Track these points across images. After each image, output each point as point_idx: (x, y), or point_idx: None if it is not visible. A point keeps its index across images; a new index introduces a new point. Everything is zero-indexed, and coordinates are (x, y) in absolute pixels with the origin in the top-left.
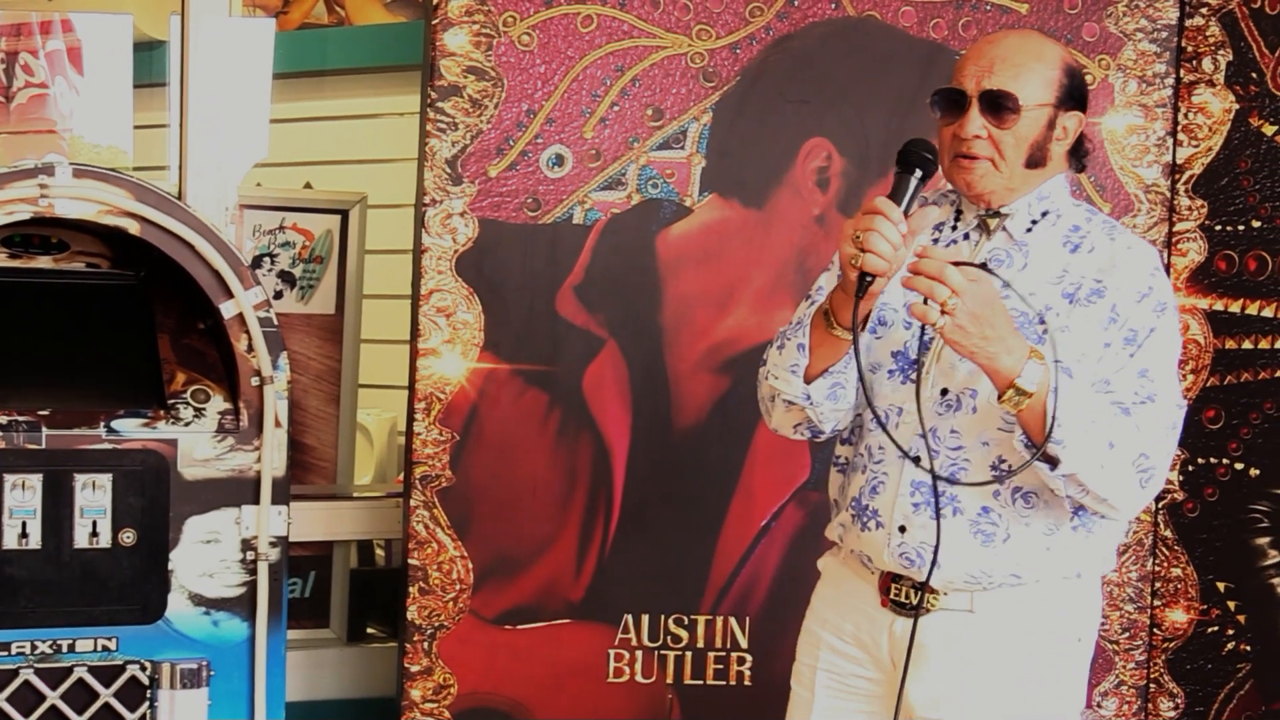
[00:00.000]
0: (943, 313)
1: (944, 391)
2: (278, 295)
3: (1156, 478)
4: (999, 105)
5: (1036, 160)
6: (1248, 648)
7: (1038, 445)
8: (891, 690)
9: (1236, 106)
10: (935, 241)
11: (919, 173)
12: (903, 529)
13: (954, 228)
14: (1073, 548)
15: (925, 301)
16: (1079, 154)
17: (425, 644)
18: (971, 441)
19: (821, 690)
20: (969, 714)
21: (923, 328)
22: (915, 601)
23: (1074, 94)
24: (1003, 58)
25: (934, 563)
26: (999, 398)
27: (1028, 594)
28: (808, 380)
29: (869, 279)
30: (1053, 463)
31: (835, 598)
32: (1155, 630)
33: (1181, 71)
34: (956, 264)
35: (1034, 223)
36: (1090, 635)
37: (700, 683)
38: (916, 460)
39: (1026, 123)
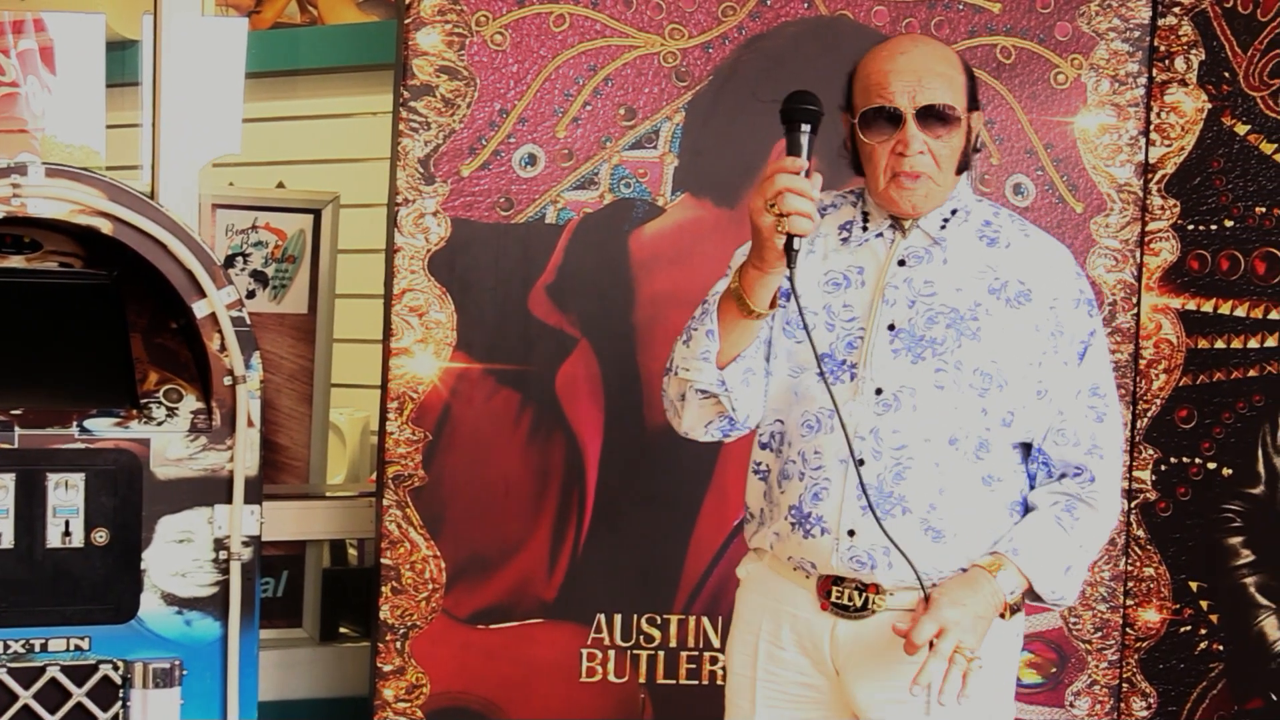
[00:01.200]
0: (969, 660)
1: (879, 391)
2: (250, 295)
3: (1117, 505)
4: (939, 119)
5: (963, 166)
6: (1220, 647)
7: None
8: (835, 696)
9: (1209, 106)
10: (845, 242)
11: (807, 126)
12: (852, 533)
13: (864, 229)
14: None
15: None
16: (973, 150)
17: (398, 643)
18: (913, 440)
19: (762, 700)
20: (915, 712)
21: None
22: (860, 603)
23: (975, 94)
24: (928, 70)
25: (918, 579)
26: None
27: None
28: (720, 366)
29: (797, 243)
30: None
31: (766, 604)
32: (1128, 630)
33: (1154, 71)
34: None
35: (945, 221)
36: (1022, 621)
37: (673, 682)
38: (861, 463)
39: (958, 132)
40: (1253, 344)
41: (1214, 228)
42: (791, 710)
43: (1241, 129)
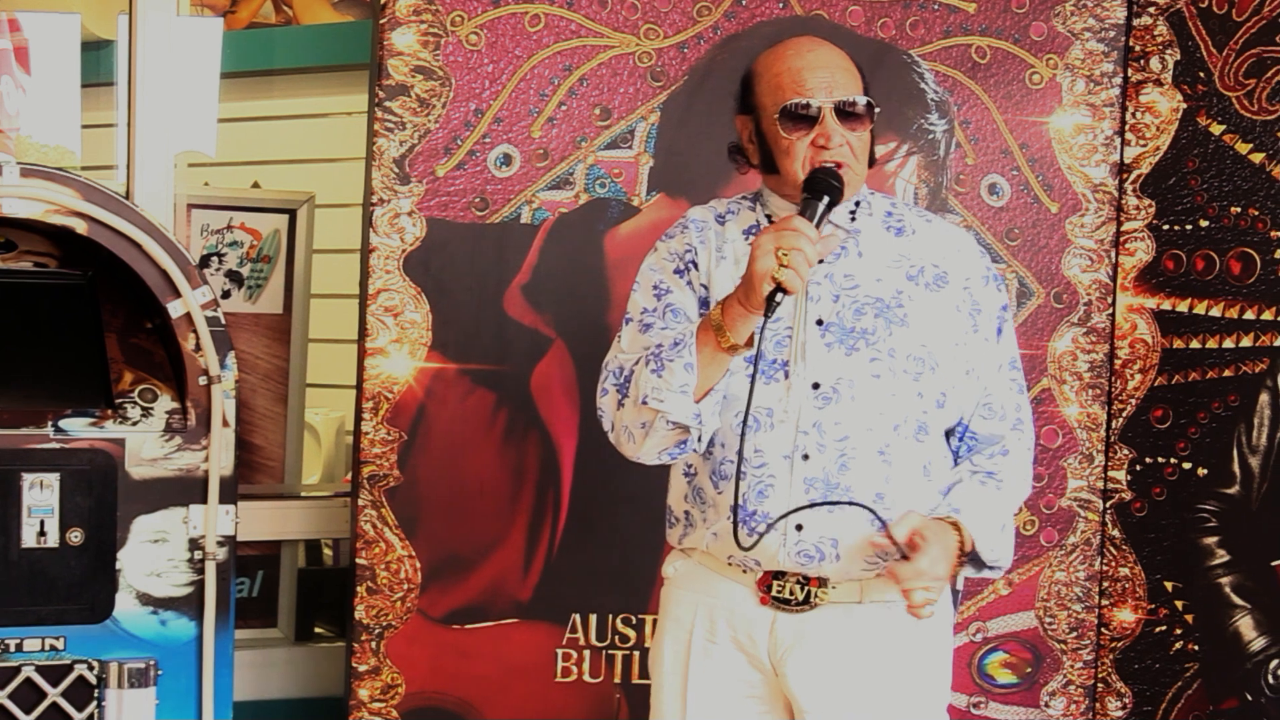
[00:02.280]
0: (926, 604)
1: (816, 386)
2: (225, 295)
3: (1030, 472)
4: (854, 113)
5: (872, 160)
6: (1195, 647)
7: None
8: (771, 691)
9: (1184, 106)
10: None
11: (827, 199)
12: (799, 527)
13: None
14: None
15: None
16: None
17: (373, 643)
18: (856, 430)
19: (694, 700)
20: (854, 703)
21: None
22: (802, 597)
23: (870, 94)
24: (838, 66)
25: (880, 520)
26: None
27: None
28: (696, 400)
29: (781, 297)
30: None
31: (699, 600)
32: (1103, 630)
33: (1129, 71)
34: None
35: (853, 213)
36: (954, 610)
37: (648, 682)
38: (805, 457)
39: (868, 128)
40: (1228, 344)
41: (1189, 228)
42: (725, 707)
43: (1217, 129)
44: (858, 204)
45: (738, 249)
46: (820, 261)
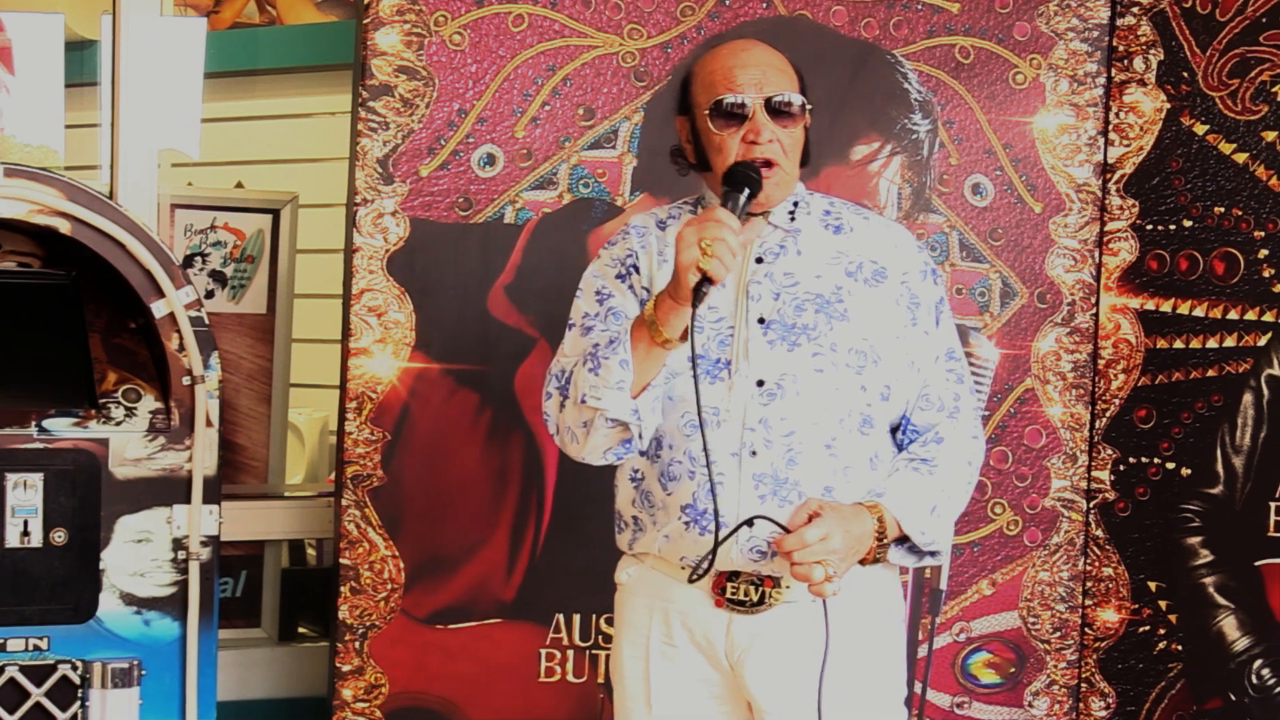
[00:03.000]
0: (827, 580)
1: (760, 383)
2: (209, 294)
3: (980, 453)
4: (785, 110)
5: (805, 160)
6: (1179, 647)
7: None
8: (730, 690)
9: (1168, 106)
10: None
11: (747, 191)
12: (750, 523)
13: None
14: None
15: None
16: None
17: (357, 643)
18: (802, 425)
19: (657, 700)
20: (811, 701)
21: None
22: (756, 598)
23: (807, 95)
24: (770, 65)
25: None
26: (867, 562)
27: (866, 575)
28: (633, 396)
29: (707, 288)
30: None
31: (654, 605)
32: (1087, 630)
33: (1113, 71)
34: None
35: (792, 212)
36: (899, 590)
37: None
38: (754, 454)
39: (800, 126)
40: (1211, 344)
41: (1173, 228)
42: (687, 707)
43: (1200, 129)
44: (796, 204)
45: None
46: (759, 261)
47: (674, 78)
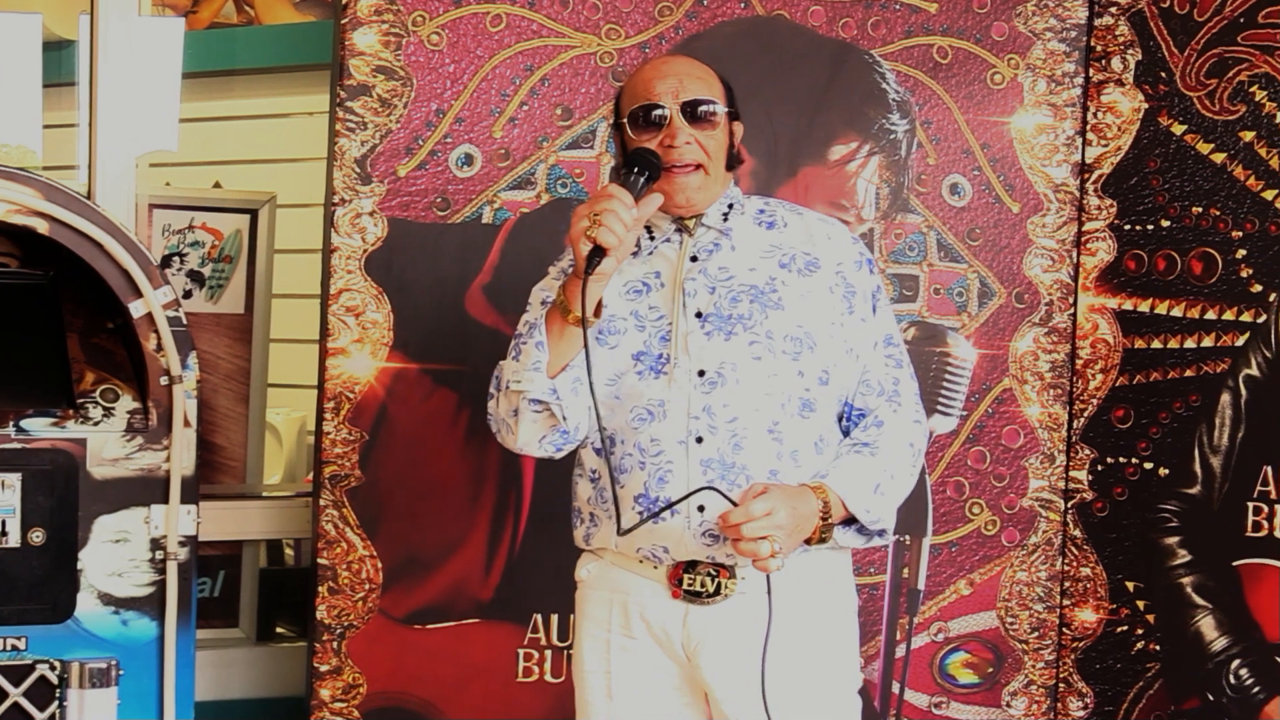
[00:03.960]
0: (772, 555)
1: (701, 373)
2: (187, 295)
3: (922, 436)
4: (701, 114)
5: (731, 164)
6: (1157, 647)
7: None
8: (688, 682)
9: (1146, 106)
10: (636, 255)
11: (646, 174)
12: (701, 509)
13: (651, 239)
14: None
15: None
16: (736, 161)
17: (334, 643)
18: (744, 411)
19: (617, 694)
20: (777, 691)
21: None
22: (713, 589)
23: (734, 105)
24: (687, 73)
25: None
26: (813, 542)
27: (817, 560)
28: (551, 376)
29: (598, 257)
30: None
31: (613, 599)
32: (1064, 630)
33: (1091, 71)
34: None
35: (725, 214)
36: (853, 596)
37: None
38: (700, 440)
39: (722, 128)
40: (1189, 344)
41: (1150, 228)
42: (645, 699)
43: (1178, 129)
44: (731, 205)
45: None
46: (694, 260)
47: None
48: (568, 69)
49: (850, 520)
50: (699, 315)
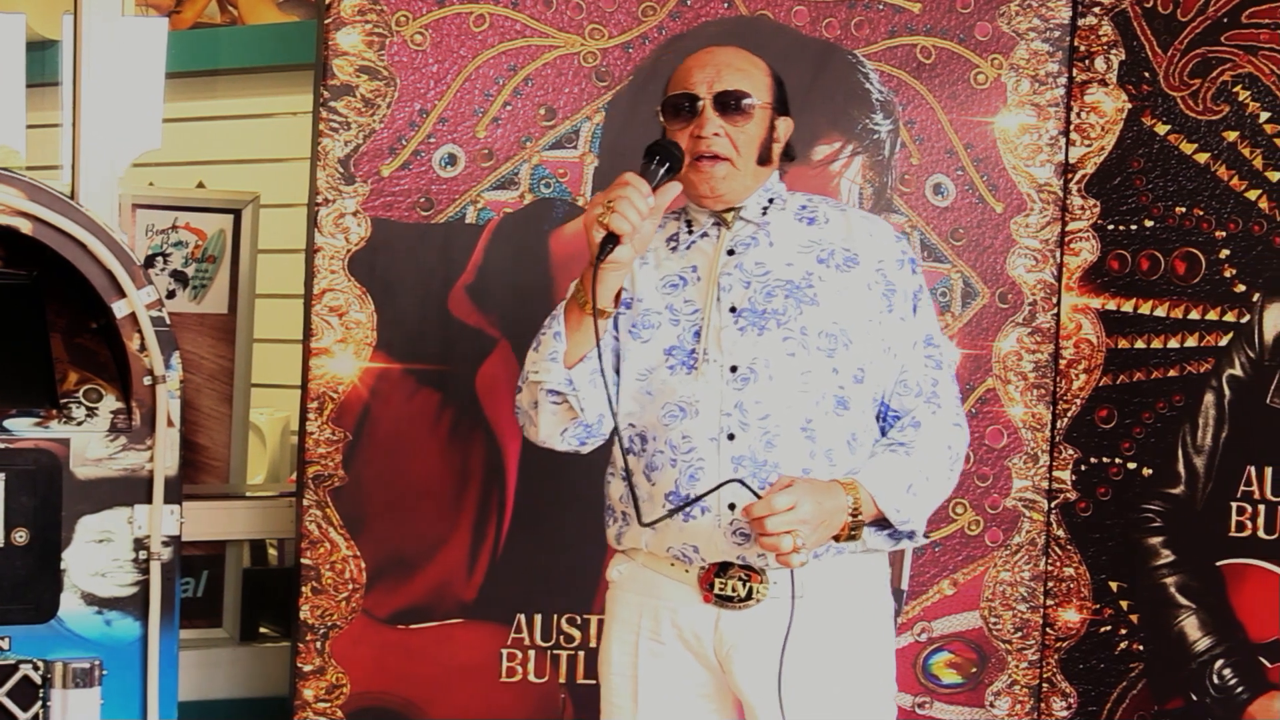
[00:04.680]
0: (795, 550)
1: (734, 369)
2: (170, 295)
3: (962, 440)
4: (734, 104)
5: (765, 158)
6: (1140, 647)
7: (891, 527)
8: (719, 689)
9: (1129, 106)
10: (674, 250)
11: (667, 165)
12: (732, 506)
13: (689, 232)
14: None
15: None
16: (787, 157)
17: (318, 643)
18: (777, 408)
19: (645, 699)
20: (807, 695)
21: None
22: (744, 594)
23: (783, 100)
24: (727, 64)
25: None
26: (842, 539)
27: (849, 564)
28: (568, 367)
29: (611, 244)
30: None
31: (645, 602)
32: (1048, 630)
33: (1074, 71)
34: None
35: (765, 208)
36: (890, 605)
37: (593, 682)
38: (731, 437)
39: (756, 121)
40: (1173, 344)
41: (1134, 228)
42: (674, 705)
43: (1162, 129)
44: (771, 200)
45: (659, 254)
46: (730, 254)
47: (636, 78)
48: (551, 69)
49: (882, 522)
50: (733, 310)
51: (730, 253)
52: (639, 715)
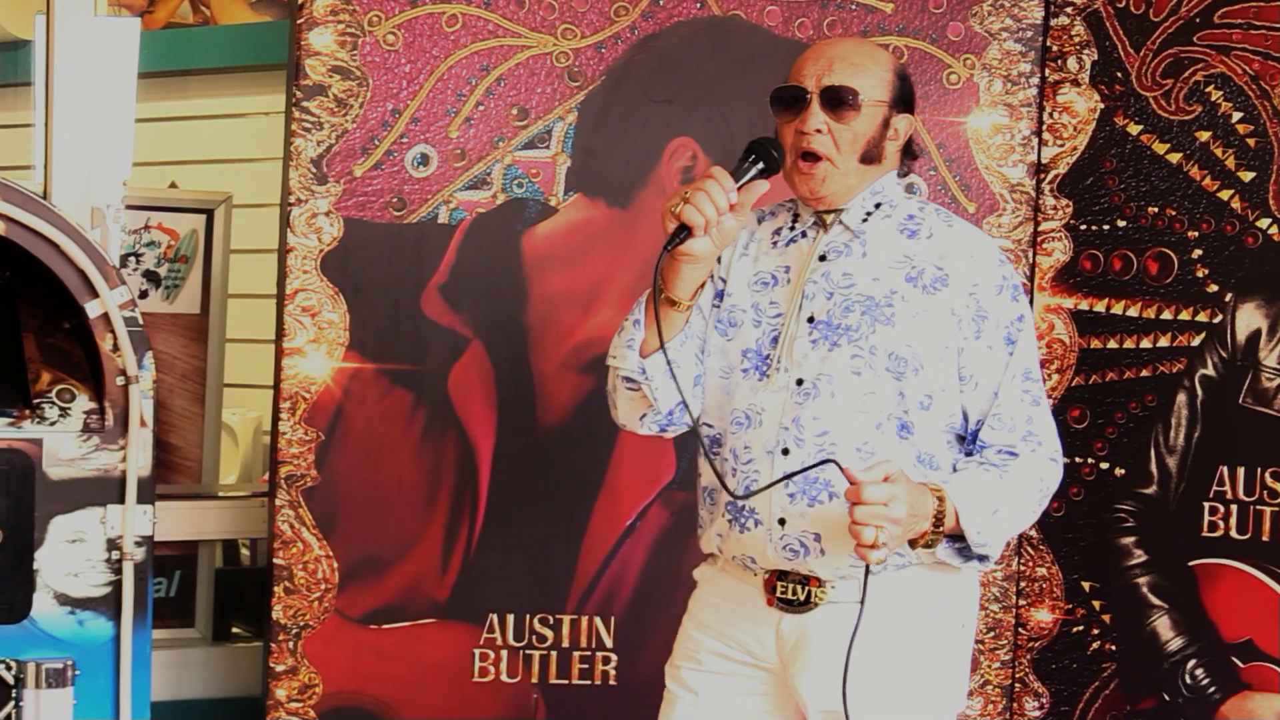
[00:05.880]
0: (874, 546)
1: (799, 382)
2: (143, 295)
3: (1055, 476)
4: (839, 100)
5: (871, 157)
6: (1113, 647)
7: (965, 545)
8: (779, 688)
9: (1102, 106)
10: (775, 245)
11: (761, 164)
12: (782, 521)
13: (792, 228)
14: None
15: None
16: (909, 155)
17: (290, 643)
18: (835, 426)
19: (705, 690)
20: (860, 704)
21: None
22: (803, 597)
23: (905, 97)
24: (841, 57)
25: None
26: (917, 545)
27: (913, 578)
28: (644, 355)
29: (683, 235)
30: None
31: (717, 604)
32: (1020, 630)
33: (1047, 71)
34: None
35: (868, 215)
36: (972, 622)
37: (565, 682)
38: (786, 452)
39: (864, 119)
40: (1145, 344)
41: (1106, 228)
42: (733, 699)
43: (1134, 129)
44: (879, 205)
45: (761, 247)
46: (822, 259)
47: (608, 78)
48: (524, 69)
49: (957, 536)
50: (811, 320)
51: (822, 258)
52: (699, 704)
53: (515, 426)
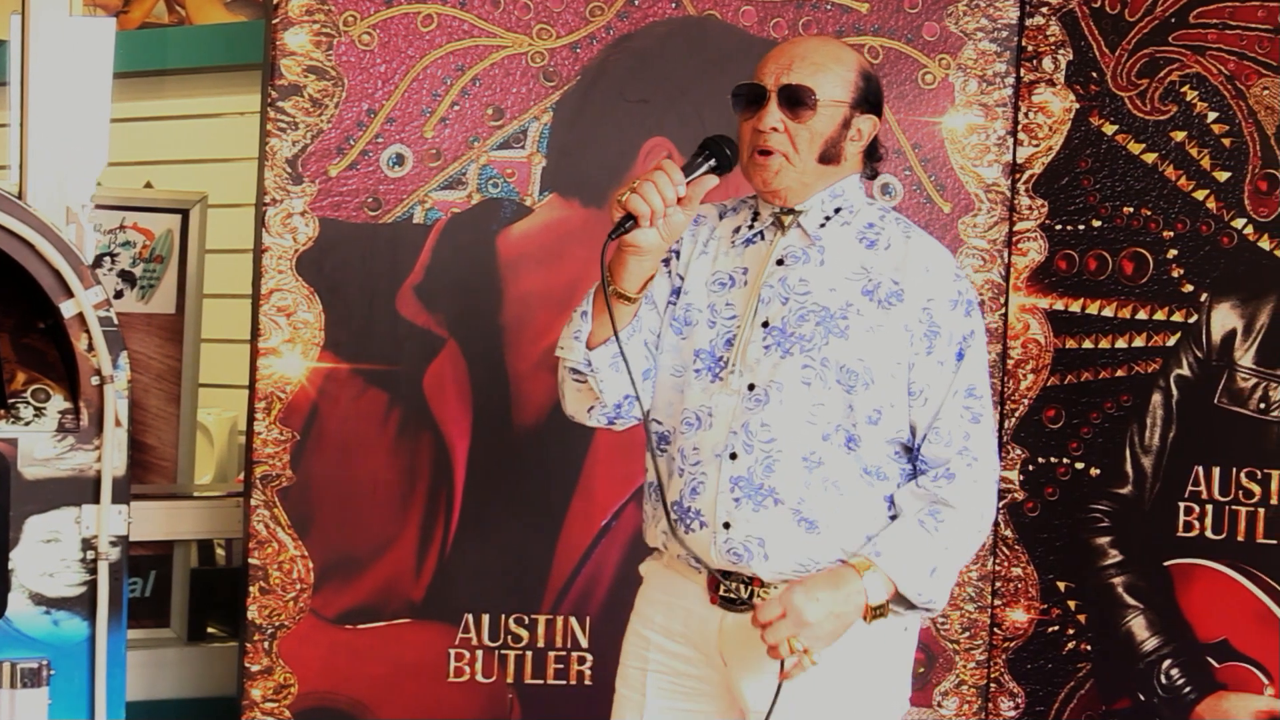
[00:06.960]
0: (798, 663)
1: (751, 387)
2: (118, 295)
3: (991, 499)
4: (796, 100)
5: (830, 157)
6: (1088, 647)
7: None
8: (723, 688)
9: (1077, 106)
10: (734, 244)
11: (713, 160)
12: (727, 525)
13: (751, 227)
14: None
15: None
16: (873, 158)
17: (266, 643)
18: (783, 434)
19: (653, 690)
20: (801, 708)
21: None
22: (745, 596)
23: (869, 98)
24: (802, 56)
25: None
26: (867, 619)
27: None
28: (590, 347)
29: (628, 224)
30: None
31: (662, 600)
32: (995, 630)
33: (1022, 71)
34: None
35: (827, 219)
36: (915, 625)
37: (541, 682)
38: (734, 456)
39: (822, 118)
40: (1120, 344)
41: (1082, 228)
42: (681, 700)
43: (1109, 129)
44: (837, 210)
45: (720, 246)
46: (779, 263)
47: (583, 77)
48: (499, 69)
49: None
50: (766, 324)
51: (779, 262)
52: (647, 708)
53: (490, 426)
